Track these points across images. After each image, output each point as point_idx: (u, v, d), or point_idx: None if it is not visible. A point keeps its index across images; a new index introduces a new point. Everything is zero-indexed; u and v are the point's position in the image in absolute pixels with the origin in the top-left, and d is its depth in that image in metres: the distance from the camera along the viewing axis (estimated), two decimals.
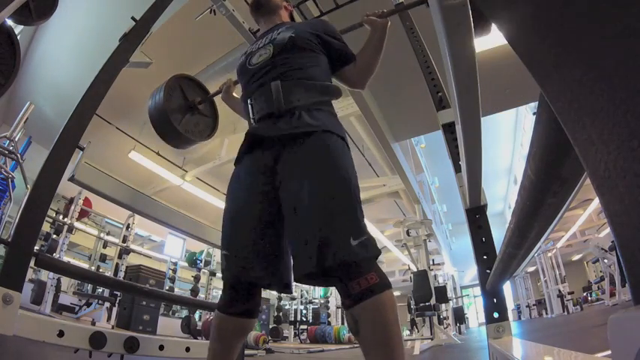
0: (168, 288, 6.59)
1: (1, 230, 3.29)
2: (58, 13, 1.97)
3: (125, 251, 5.98)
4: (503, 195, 12.55)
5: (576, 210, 9.37)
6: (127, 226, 6.18)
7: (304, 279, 0.88)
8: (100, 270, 6.14)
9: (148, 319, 5.90)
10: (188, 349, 1.87)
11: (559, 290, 9.82)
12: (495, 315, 1.51)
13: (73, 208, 5.32)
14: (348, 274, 0.82)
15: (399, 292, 14.59)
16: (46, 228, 5.11)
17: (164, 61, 4.43)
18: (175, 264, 7.35)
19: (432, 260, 7.12)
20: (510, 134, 9.39)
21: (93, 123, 1.60)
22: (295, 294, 9.36)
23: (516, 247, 0.82)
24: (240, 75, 1.20)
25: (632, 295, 0.24)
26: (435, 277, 7.79)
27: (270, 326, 8.69)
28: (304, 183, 0.90)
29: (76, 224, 5.42)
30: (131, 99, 5.07)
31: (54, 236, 5.09)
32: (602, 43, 0.22)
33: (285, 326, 9.14)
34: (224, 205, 1.08)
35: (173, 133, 1.58)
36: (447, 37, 0.69)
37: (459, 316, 9.98)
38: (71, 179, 1.73)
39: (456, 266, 13.61)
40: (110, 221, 7.25)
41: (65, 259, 5.28)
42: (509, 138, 9.50)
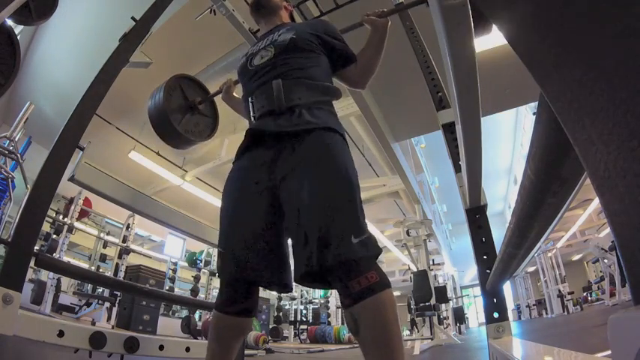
0: (168, 288, 6.59)
1: (1, 230, 3.29)
2: (58, 13, 1.97)
3: (125, 251, 5.98)
4: (503, 195, 12.55)
5: (576, 210, 9.37)
6: (127, 226, 6.18)
7: (304, 279, 0.88)
8: (100, 270, 6.14)
9: (147, 319, 5.90)
10: (188, 349, 1.87)
11: (559, 290, 9.81)
12: (495, 315, 1.51)
13: (73, 208, 5.32)
14: (348, 272, 0.81)
15: (399, 292, 14.60)
16: (46, 228, 5.11)
17: (164, 61, 4.43)
18: (175, 264, 7.34)
19: (432, 260, 7.12)
20: (510, 134, 9.39)
21: (93, 123, 1.59)
22: (295, 294, 9.36)
23: (516, 247, 0.82)
24: (241, 76, 1.20)
25: (632, 295, 0.24)
26: (435, 277, 7.79)
27: (270, 326, 8.68)
28: (304, 181, 0.90)
29: (76, 224, 5.42)
30: (131, 99, 5.07)
31: (54, 236, 5.08)
32: (602, 43, 0.22)
33: (285, 326, 9.14)
34: (221, 203, 1.07)
35: (173, 133, 1.57)
36: (447, 37, 0.69)
37: (459, 316, 9.99)
38: (71, 179, 1.73)
39: (456, 266, 13.62)
40: (110, 221, 7.25)
41: (65, 259, 5.28)
42: (509, 138, 9.50)
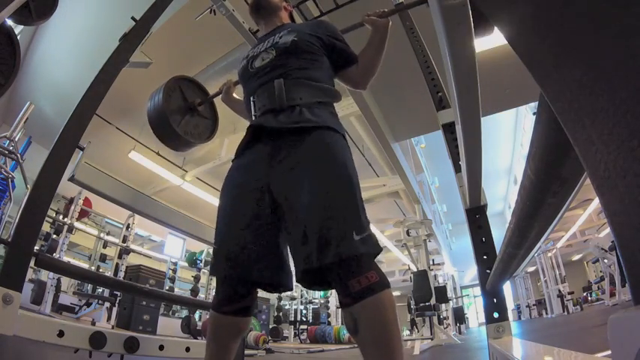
0: (168, 288, 6.59)
1: (1, 230, 3.29)
2: (57, 13, 1.97)
3: (125, 251, 5.98)
4: (503, 195, 12.55)
5: (576, 210, 9.36)
6: (127, 226, 6.18)
7: (304, 278, 0.88)
8: (100, 270, 6.14)
9: (147, 319, 5.90)
10: (188, 349, 1.87)
11: (559, 290, 9.81)
12: (495, 315, 1.51)
13: (73, 208, 5.32)
14: (348, 271, 0.81)
15: (399, 292, 14.60)
16: (46, 228, 5.11)
17: (164, 61, 4.43)
18: (175, 264, 7.35)
19: (432, 260, 7.12)
20: (510, 134, 9.39)
21: (93, 123, 1.59)
22: (295, 294, 9.37)
23: (516, 247, 0.82)
24: (242, 78, 1.20)
25: (632, 295, 0.24)
26: (435, 277, 7.79)
27: (270, 326, 8.69)
28: (304, 180, 0.90)
29: (76, 224, 5.42)
30: (131, 99, 5.06)
31: (54, 236, 5.08)
32: (602, 43, 0.22)
33: (285, 326, 9.15)
34: (219, 201, 1.06)
35: (172, 135, 1.57)
36: (447, 37, 0.69)
37: (459, 316, 9.99)
38: (71, 179, 1.73)
39: (456, 266, 13.61)
40: (110, 221, 7.25)
41: (65, 259, 5.28)
42: (509, 138, 9.50)
